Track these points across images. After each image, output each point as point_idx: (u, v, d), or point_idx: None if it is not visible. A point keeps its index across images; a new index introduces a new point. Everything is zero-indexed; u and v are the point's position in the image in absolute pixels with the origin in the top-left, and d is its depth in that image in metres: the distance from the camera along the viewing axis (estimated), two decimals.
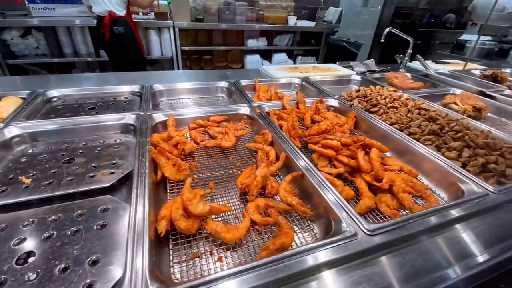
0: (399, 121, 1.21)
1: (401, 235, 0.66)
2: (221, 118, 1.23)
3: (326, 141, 0.97)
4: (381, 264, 0.61)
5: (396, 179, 0.84)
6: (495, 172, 0.97)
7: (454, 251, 0.65)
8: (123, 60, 3.40)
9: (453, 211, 0.75)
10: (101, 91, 1.43)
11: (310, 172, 0.86)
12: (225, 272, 0.54)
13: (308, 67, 2.14)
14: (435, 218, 0.71)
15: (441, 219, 0.71)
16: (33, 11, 3.46)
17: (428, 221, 0.70)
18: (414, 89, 1.77)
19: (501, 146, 1.04)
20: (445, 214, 0.73)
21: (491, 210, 0.79)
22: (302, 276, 0.57)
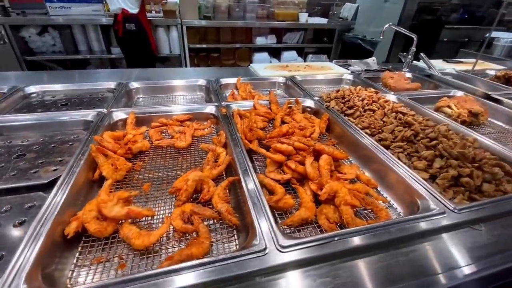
0: (372, 125, 1.11)
1: (317, 254, 0.59)
2: (184, 117, 1.20)
3: (275, 145, 0.91)
4: (286, 284, 0.55)
5: (340, 190, 0.76)
6: (468, 187, 0.86)
7: (376, 280, 0.57)
8: (135, 56, 3.55)
9: (395, 229, 0.66)
10: (80, 87, 1.47)
11: (248, 177, 0.80)
12: (103, 282, 0.51)
13: (301, 65, 2.05)
14: (365, 237, 0.63)
15: (373, 239, 0.63)
16: (50, 10, 3.65)
17: (350, 241, 0.62)
18: (409, 90, 1.63)
19: (482, 157, 0.92)
20: (380, 233, 0.64)
21: (444, 231, 0.69)
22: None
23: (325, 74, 1.85)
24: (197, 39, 4.18)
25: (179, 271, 0.53)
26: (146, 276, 0.52)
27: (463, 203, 0.82)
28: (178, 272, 0.53)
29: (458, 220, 0.70)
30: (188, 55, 4.11)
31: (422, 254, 0.63)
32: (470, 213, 0.72)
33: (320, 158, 0.85)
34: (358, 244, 0.61)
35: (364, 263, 0.60)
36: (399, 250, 0.64)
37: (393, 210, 0.83)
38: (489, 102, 1.51)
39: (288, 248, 0.59)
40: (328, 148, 0.88)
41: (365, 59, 2.26)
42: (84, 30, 3.86)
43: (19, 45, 3.49)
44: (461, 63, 2.37)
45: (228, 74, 1.74)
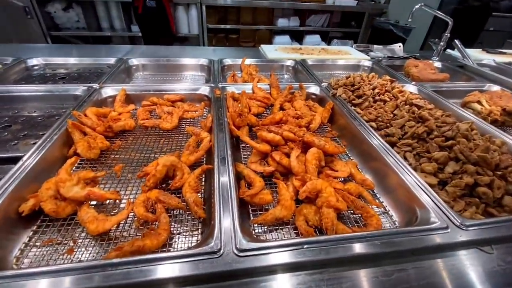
0: (380, 118, 0.97)
1: (278, 263, 0.51)
2: (176, 97, 1.13)
3: (261, 133, 0.82)
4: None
5: (325, 189, 0.66)
6: (485, 199, 0.72)
7: None
8: (153, 35, 3.53)
9: (381, 242, 0.56)
10: (82, 62, 1.44)
11: (224, 167, 0.72)
12: (40, 269, 0.47)
13: (316, 48, 1.89)
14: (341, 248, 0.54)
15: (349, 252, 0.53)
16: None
17: (322, 252, 0.52)
18: (434, 81, 1.44)
19: (508, 164, 0.76)
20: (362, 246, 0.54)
21: (444, 251, 0.57)
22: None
23: (340, 59, 1.68)
24: (216, 19, 4.06)
25: (116, 266, 0.47)
26: (78, 267, 0.47)
27: (476, 217, 0.69)
28: (115, 267, 0.47)
29: (464, 238, 0.58)
30: (207, 36, 4.02)
31: (410, 277, 0.53)
32: (480, 231, 0.59)
33: (308, 151, 0.75)
34: (329, 257, 0.52)
35: (335, 280, 0.51)
36: (382, 267, 0.54)
37: (388, 217, 0.72)
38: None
39: (246, 253, 0.51)
40: (319, 140, 0.77)
41: (391, 45, 2.04)
42: (106, 7, 3.88)
43: (45, 20, 3.59)
44: (503, 54, 2.07)
45: (238, 54, 1.64)
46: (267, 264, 0.50)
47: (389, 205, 0.75)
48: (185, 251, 0.51)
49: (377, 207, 0.73)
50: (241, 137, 0.84)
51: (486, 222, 0.61)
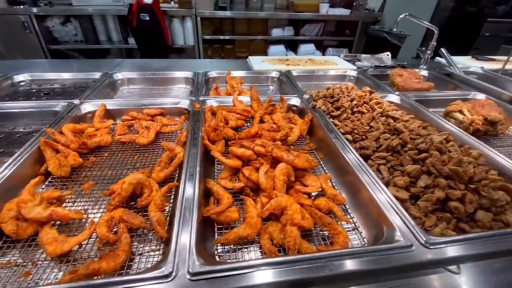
0: (356, 130, 0.96)
1: (232, 287, 0.49)
2: (156, 112, 1.13)
3: (231, 148, 0.81)
4: None
5: (290, 207, 0.65)
6: (457, 214, 0.70)
7: None
8: (148, 47, 3.60)
9: (339, 262, 0.54)
10: (68, 77, 1.46)
11: (191, 183, 0.72)
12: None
13: (303, 59, 1.90)
14: (297, 270, 0.52)
15: (308, 274, 0.52)
16: (73, 0, 3.77)
17: (275, 275, 0.51)
18: (419, 90, 1.43)
19: (482, 177, 0.75)
20: (319, 267, 0.53)
21: (408, 271, 0.56)
22: None
23: (326, 70, 1.68)
24: (211, 30, 4.12)
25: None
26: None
27: (447, 233, 0.67)
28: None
29: (428, 258, 0.56)
30: (202, 47, 4.07)
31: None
32: (446, 249, 0.58)
33: (276, 167, 0.74)
34: (286, 279, 0.51)
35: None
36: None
37: (358, 234, 0.70)
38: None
39: (199, 276, 0.50)
40: (287, 155, 0.76)
41: (379, 54, 2.04)
42: (104, 20, 3.96)
43: (43, 34, 3.67)
44: (493, 60, 2.06)
45: (230, 66, 1.66)
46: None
47: (360, 221, 0.73)
48: (134, 276, 0.50)
49: (347, 224, 0.72)
50: (212, 152, 0.84)
51: (453, 240, 0.59)
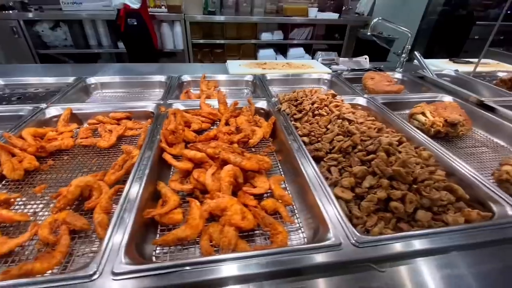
0: (313, 132, 0.98)
1: (154, 285, 0.50)
2: (122, 115, 1.15)
3: (182, 151, 0.83)
4: None
5: (230, 207, 0.67)
6: (397, 213, 0.72)
7: None
8: (136, 51, 3.62)
9: (267, 260, 0.55)
10: (43, 81, 1.47)
11: (137, 185, 0.73)
12: None
13: (280, 63, 1.92)
14: (230, 267, 0.53)
15: (242, 271, 0.53)
16: (63, 6, 3.80)
17: (199, 274, 0.52)
18: (388, 93, 1.45)
19: (425, 178, 0.76)
20: (250, 265, 0.54)
21: (330, 269, 0.57)
22: None
23: (300, 74, 1.71)
24: (201, 34, 4.16)
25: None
26: None
27: (386, 233, 0.69)
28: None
29: (355, 256, 0.57)
30: (192, 51, 4.10)
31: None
32: (373, 248, 0.59)
33: (223, 169, 0.76)
34: (204, 278, 0.52)
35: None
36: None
37: (301, 234, 0.72)
38: (480, 110, 1.30)
39: (122, 276, 0.51)
40: (235, 157, 0.77)
41: (357, 58, 2.07)
42: (93, 25, 3.99)
43: (33, 39, 3.69)
44: (469, 63, 2.10)
45: (212, 70, 1.69)
46: (143, 287, 0.50)
47: (304, 222, 0.74)
48: (59, 275, 0.51)
49: (291, 224, 0.73)
50: (163, 155, 0.85)
51: (381, 239, 0.61)
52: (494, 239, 0.64)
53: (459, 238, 0.63)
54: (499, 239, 0.64)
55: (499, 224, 0.67)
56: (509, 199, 0.74)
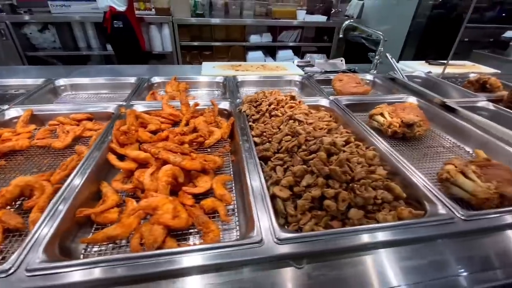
0: (265, 133, 0.99)
1: (55, 283, 0.51)
2: (82, 116, 1.16)
3: (125, 151, 0.84)
4: None
5: (161, 207, 0.68)
6: (330, 211, 0.73)
7: None
8: (124, 53, 3.65)
9: (188, 256, 0.56)
10: (12, 83, 1.49)
11: (76, 184, 0.74)
12: None
13: (255, 65, 1.94)
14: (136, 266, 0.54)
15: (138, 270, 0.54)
16: (52, 8, 3.82)
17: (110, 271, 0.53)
18: (355, 94, 1.47)
19: (361, 177, 0.78)
20: (151, 264, 0.55)
21: (249, 265, 0.58)
22: None
23: (271, 75, 1.72)
24: (189, 36, 4.18)
25: None
26: None
27: (317, 230, 0.70)
28: None
29: (273, 253, 0.59)
30: (180, 53, 4.13)
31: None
32: (294, 245, 0.60)
33: (161, 169, 0.77)
34: (116, 275, 0.53)
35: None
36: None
37: (236, 233, 0.73)
38: (442, 111, 1.31)
39: (35, 272, 0.52)
40: (174, 157, 0.79)
41: (333, 60, 2.09)
42: (83, 27, 4.01)
43: (20, 42, 3.70)
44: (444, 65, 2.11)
45: (192, 72, 1.72)
46: (53, 283, 0.51)
47: (243, 221, 0.75)
48: None
49: (227, 223, 0.74)
50: (107, 155, 0.86)
51: (301, 236, 0.62)
52: (420, 236, 0.65)
53: (383, 235, 0.64)
54: (424, 236, 0.66)
55: (425, 222, 0.68)
56: (443, 198, 0.75)
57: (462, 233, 0.67)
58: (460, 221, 0.69)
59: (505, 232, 0.69)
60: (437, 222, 0.68)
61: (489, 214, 0.71)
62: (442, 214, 0.70)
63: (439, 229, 0.67)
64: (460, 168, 0.83)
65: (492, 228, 0.69)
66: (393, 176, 0.88)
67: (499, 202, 0.76)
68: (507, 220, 0.69)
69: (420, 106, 1.40)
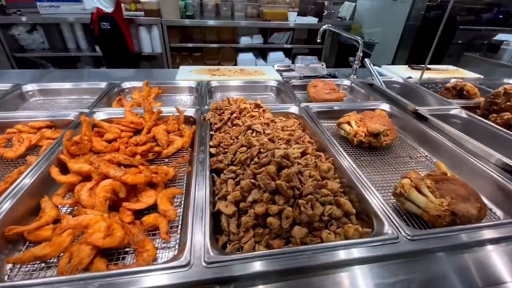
0: (222, 144, 0.97)
1: None
2: (41, 124, 1.13)
3: (68, 164, 0.81)
4: None
5: (93, 225, 0.65)
6: (273, 229, 0.70)
7: None
8: (111, 54, 3.62)
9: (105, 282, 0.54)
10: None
11: (12, 199, 0.72)
12: None
13: (233, 69, 1.92)
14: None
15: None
16: (40, 9, 3.80)
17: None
18: (327, 101, 1.44)
19: (308, 192, 0.75)
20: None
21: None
22: None
23: (247, 80, 1.70)
24: (179, 38, 4.15)
25: None
26: None
27: (258, 249, 0.67)
28: None
29: (200, 278, 0.56)
30: (170, 54, 4.10)
31: None
32: (221, 268, 0.57)
33: (99, 183, 0.74)
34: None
35: None
36: None
37: (171, 253, 0.69)
38: (414, 119, 1.29)
39: None
40: (115, 171, 0.76)
41: (313, 64, 2.07)
42: (72, 28, 3.98)
43: (8, 43, 3.68)
44: (427, 69, 2.09)
45: (163, 77, 1.68)
46: None
47: (183, 240, 0.72)
48: None
49: (166, 241, 0.71)
50: (50, 168, 0.83)
51: (230, 259, 0.59)
52: (360, 257, 0.63)
53: (322, 257, 0.61)
54: (365, 257, 0.63)
55: (367, 242, 0.65)
56: (391, 215, 0.72)
57: (405, 254, 0.64)
58: (405, 241, 0.66)
59: (450, 254, 0.66)
60: (381, 242, 0.65)
61: (436, 233, 0.68)
62: (387, 233, 0.67)
63: (381, 250, 0.64)
64: (415, 182, 0.81)
65: (438, 248, 0.66)
66: (349, 190, 0.86)
67: (451, 220, 0.73)
68: (452, 242, 0.66)
69: (393, 114, 1.38)
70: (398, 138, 1.26)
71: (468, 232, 0.69)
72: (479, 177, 0.95)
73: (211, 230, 0.66)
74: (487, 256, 0.66)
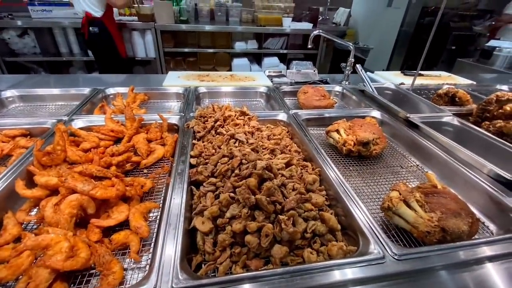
0: (203, 153, 0.92)
1: None
2: (16, 132, 1.08)
3: (35, 177, 0.76)
4: None
5: (55, 246, 0.60)
6: (252, 248, 0.65)
7: None
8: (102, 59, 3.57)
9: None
10: None
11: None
12: None
13: (223, 74, 1.88)
14: None
15: None
16: (32, 13, 3.76)
17: None
18: (317, 108, 1.41)
19: (290, 207, 0.70)
20: None
21: None
22: None
23: (236, 86, 1.66)
24: (173, 43, 4.12)
25: None
26: None
27: (235, 272, 0.62)
28: None
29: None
30: (164, 59, 4.06)
31: None
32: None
33: (65, 199, 0.69)
34: None
35: None
36: None
37: (139, 275, 0.64)
38: (405, 127, 1.25)
39: None
40: (83, 185, 0.71)
41: (306, 70, 2.04)
42: (64, 32, 3.94)
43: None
44: (420, 75, 2.07)
45: (151, 82, 1.64)
46: None
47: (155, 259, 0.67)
48: None
49: (135, 261, 0.66)
50: (16, 181, 0.78)
51: (198, 285, 0.54)
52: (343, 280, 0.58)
53: (302, 281, 0.57)
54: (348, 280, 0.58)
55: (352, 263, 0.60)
56: (377, 231, 0.68)
57: (391, 276, 0.60)
58: (392, 261, 0.62)
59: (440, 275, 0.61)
60: (366, 263, 0.61)
61: (425, 252, 0.64)
62: (372, 252, 0.63)
63: (366, 271, 0.59)
64: (404, 195, 0.77)
65: (427, 269, 0.61)
66: (336, 203, 0.81)
67: (441, 237, 0.69)
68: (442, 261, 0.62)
69: (384, 121, 1.34)
70: (389, 146, 1.23)
71: (459, 249, 0.65)
72: (471, 189, 0.91)
73: (183, 250, 0.61)
74: (479, 275, 0.62)
